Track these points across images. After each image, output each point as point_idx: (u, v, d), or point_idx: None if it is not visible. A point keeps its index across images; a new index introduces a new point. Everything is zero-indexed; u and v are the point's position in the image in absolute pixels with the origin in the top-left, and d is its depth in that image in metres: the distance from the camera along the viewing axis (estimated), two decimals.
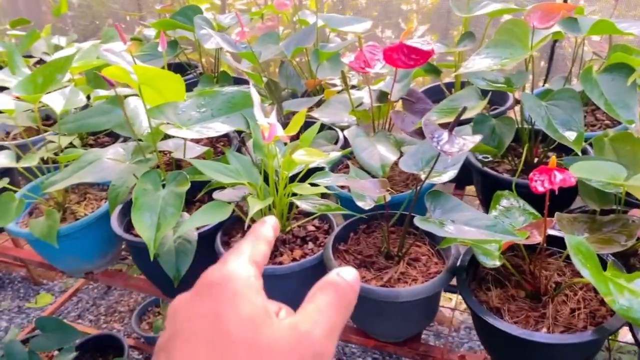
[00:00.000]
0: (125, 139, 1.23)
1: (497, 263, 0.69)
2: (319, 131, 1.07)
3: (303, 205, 0.80)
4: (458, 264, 0.77)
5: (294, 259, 0.84)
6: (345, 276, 0.33)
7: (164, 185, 0.85)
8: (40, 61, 1.73)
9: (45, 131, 1.24)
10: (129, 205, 0.96)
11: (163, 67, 1.26)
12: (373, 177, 0.85)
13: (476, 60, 0.83)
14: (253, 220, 0.86)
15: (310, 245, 0.87)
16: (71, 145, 1.18)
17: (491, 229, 0.68)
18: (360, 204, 0.79)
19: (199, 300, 0.30)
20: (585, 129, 1.09)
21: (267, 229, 0.38)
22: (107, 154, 0.88)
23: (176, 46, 1.32)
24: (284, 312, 0.34)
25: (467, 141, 0.59)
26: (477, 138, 0.61)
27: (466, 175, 1.04)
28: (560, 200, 0.90)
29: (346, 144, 1.10)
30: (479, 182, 1.00)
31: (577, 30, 0.90)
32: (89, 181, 0.82)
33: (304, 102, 1.08)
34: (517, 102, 1.09)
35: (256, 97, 0.79)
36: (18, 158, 0.98)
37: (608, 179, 0.71)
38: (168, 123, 0.83)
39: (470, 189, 1.17)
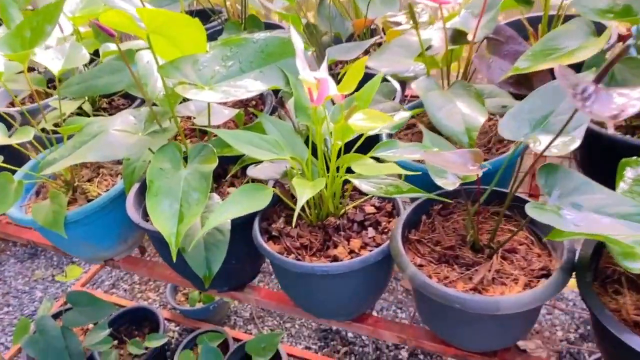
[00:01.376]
0: (142, 101, 1.06)
1: None
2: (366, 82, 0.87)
3: (364, 186, 0.61)
4: (576, 258, 0.58)
5: (352, 252, 0.66)
6: None
7: (185, 162, 0.67)
8: None
9: (52, 95, 1.08)
10: (146, 185, 0.79)
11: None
12: (454, 144, 0.65)
13: None
14: (292, 195, 0.68)
15: (371, 231, 0.69)
16: (80, 111, 1.01)
17: (636, 219, 0.48)
18: (439, 182, 0.60)
19: None
20: None
21: None
22: (115, 124, 0.70)
23: None
24: None
25: (631, 97, 0.39)
26: None
27: None
28: None
29: (405, 99, 0.90)
30: (586, 150, 0.79)
31: None
32: (92, 159, 0.65)
33: (352, 48, 0.88)
34: (620, 38, 0.86)
35: (298, 43, 0.59)
36: (8, 134, 0.82)
37: None
38: (187, 83, 0.64)
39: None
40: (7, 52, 0.71)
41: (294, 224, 0.62)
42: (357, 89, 0.63)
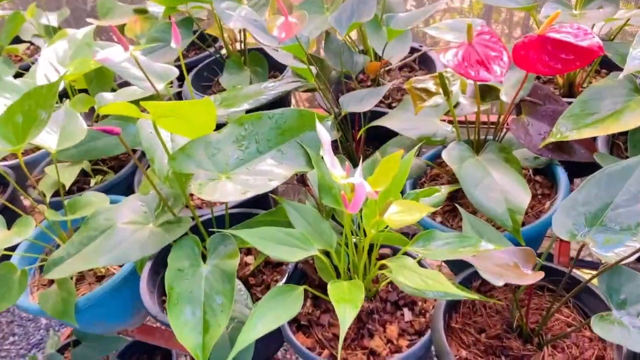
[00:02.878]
0: (143, 153, 0.99)
1: None
2: (390, 137, 0.81)
3: (406, 287, 0.56)
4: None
5: (389, 341, 0.62)
6: None
7: (204, 258, 0.62)
8: (32, 44, 1.47)
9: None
10: (160, 260, 0.74)
11: (178, 60, 0.99)
12: (494, 224, 0.60)
13: None
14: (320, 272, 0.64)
15: (407, 314, 0.65)
16: (81, 172, 0.95)
17: None
18: (492, 280, 0.55)
19: None
20: None
21: None
22: (123, 215, 0.65)
23: (191, 25, 1.04)
24: None
25: None
26: None
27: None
28: None
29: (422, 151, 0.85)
30: None
31: None
32: (101, 265, 0.60)
33: (366, 97, 0.81)
34: None
35: (324, 136, 0.54)
36: (14, 197, 0.76)
37: None
38: (201, 179, 0.58)
39: None
40: (2, 144, 0.64)
41: (321, 309, 0.56)
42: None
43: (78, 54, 0.93)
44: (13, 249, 0.82)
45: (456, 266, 0.74)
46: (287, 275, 0.69)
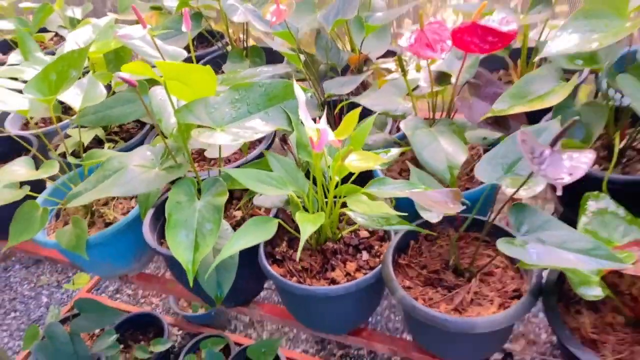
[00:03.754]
0: (152, 127, 1.13)
1: (600, 293, 0.58)
2: (365, 116, 0.95)
3: (360, 220, 0.70)
4: (544, 283, 0.66)
5: (348, 274, 0.74)
6: None
7: (199, 195, 0.75)
8: (58, 35, 1.62)
9: (67, 118, 1.15)
10: (161, 208, 0.87)
11: (187, 46, 1.14)
12: (439, 180, 0.73)
13: (562, 38, 0.69)
14: (294, 222, 0.76)
15: (365, 255, 0.77)
16: (96, 138, 1.08)
17: (592, 253, 0.56)
18: (426, 216, 0.68)
19: None
20: None
21: None
22: (134, 159, 0.78)
23: (200, 19, 1.19)
24: None
25: (579, 162, 0.47)
26: (591, 156, 0.48)
27: None
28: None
29: (394, 128, 0.98)
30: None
31: None
32: (115, 195, 0.73)
33: (347, 82, 0.95)
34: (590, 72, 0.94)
35: (300, 95, 0.67)
36: (36, 161, 0.89)
37: None
38: (200, 125, 0.72)
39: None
40: (36, 95, 0.78)
41: (298, 256, 0.69)
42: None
43: (101, 36, 1.07)
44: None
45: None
46: None
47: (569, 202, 0.83)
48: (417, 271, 0.73)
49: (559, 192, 0.45)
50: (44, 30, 1.53)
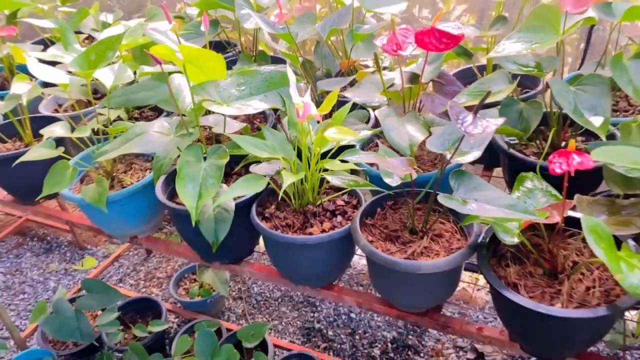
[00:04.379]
0: (169, 114, 1.30)
1: (516, 240, 0.73)
2: (352, 110, 1.12)
3: (333, 180, 0.85)
4: (479, 241, 0.81)
5: (324, 231, 0.89)
6: None
7: (205, 158, 0.91)
8: (89, 37, 1.81)
9: (95, 104, 1.32)
10: (171, 176, 1.03)
11: (205, 46, 1.31)
12: (401, 155, 0.89)
13: (506, 45, 0.85)
14: (286, 193, 0.92)
15: (339, 218, 0.92)
16: (118, 118, 1.25)
17: (512, 208, 0.71)
18: (387, 180, 0.83)
19: None
20: (619, 115, 1.10)
21: None
22: (153, 127, 0.95)
23: (217, 25, 1.37)
24: None
25: (490, 123, 0.63)
26: (500, 120, 0.64)
27: (494, 157, 1.07)
28: (586, 184, 0.92)
29: (377, 123, 1.14)
30: (505, 165, 1.03)
31: (611, 15, 0.91)
32: (136, 152, 0.89)
33: (337, 82, 1.12)
34: (548, 86, 1.11)
35: (292, 77, 0.83)
36: (72, 129, 1.06)
37: (630, 163, 0.73)
38: (210, 100, 0.88)
39: (498, 171, 1.19)
40: (77, 69, 0.95)
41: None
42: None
43: (131, 33, 1.25)
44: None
45: None
46: None
47: (513, 182, 0.99)
48: (380, 230, 0.88)
49: (471, 139, 0.60)
50: (78, 32, 1.73)
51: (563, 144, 0.99)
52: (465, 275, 2.03)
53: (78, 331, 1.77)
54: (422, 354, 1.84)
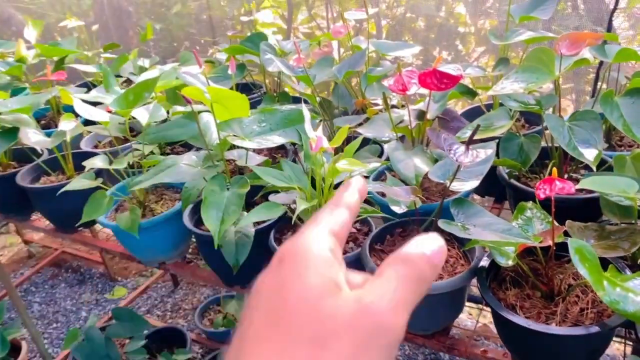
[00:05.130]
0: (198, 149, 1.40)
1: (510, 262, 0.78)
2: (365, 145, 1.20)
3: None
4: (480, 265, 0.86)
5: None
6: (422, 248, 0.30)
7: (228, 188, 1.00)
8: (128, 80, 1.97)
9: (131, 140, 1.44)
10: (198, 205, 1.11)
11: (232, 88, 1.43)
12: (407, 185, 0.96)
13: (505, 84, 0.93)
14: (299, 219, 0.99)
15: (351, 244, 0.99)
16: (152, 153, 1.36)
17: (507, 232, 0.77)
18: (394, 208, 0.90)
19: (270, 273, 0.30)
20: (623, 149, 1.15)
21: (351, 193, 0.35)
22: (183, 160, 1.04)
23: (244, 69, 1.49)
24: (362, 282, 0.32)
25: (479, 153, 0.70)
26: (490, 151, 0.71)
27: (504, 190, 1.13)
28: (587, 215, 0.97)
29: (389, 157, 1.22)
30: (511, 196, 1.09)
31: (604, 56, 0.98)
32: (167, 182, 0.99)
33: (351, 119, 1.21)
34: None
35: (307, 114, 0.92)
36: (110, 162, 1.17)
37: (619, 192, 0.78)
38: (234, 135, 0.98)
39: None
40: (117, 108, 1.07)
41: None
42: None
43: (165, 76, 1.38)
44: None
45: None
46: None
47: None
48: (387, 255, 0.94)
49: (462, 167, 0.67)
50: (118, 76, 1.88)
51: (566, 176, 1.05)
52: (488, 313, 2.04)
53: (107, 358, 1.85)
54: None
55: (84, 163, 1.13)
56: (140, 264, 1.31)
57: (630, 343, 1.22)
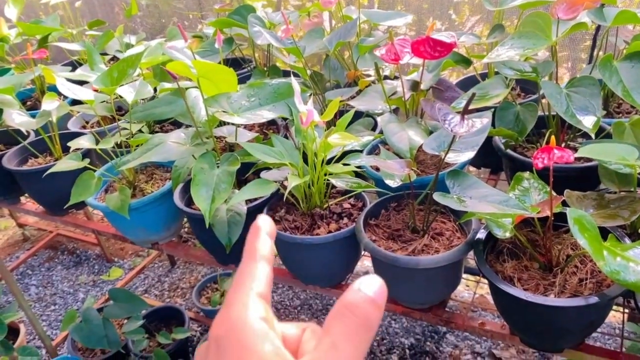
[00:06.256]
0: (187, 127, 1.37)
1: (508, 235, 0.76)
2: (358, 119, 1.17)
3: (337, 183, 0.90)
4: (476, 237, 0.84)
5: (330, 232, 0.94)
6: (366, 290, 0.29)
7: (218, 165, 0.97)
8: (114, 58, 1.92)
9: (119, 120, 1.41)
10: (189, 184, 1.09)
11: (219, 62, 1.39)
12: (401, 158, 0.93)
13: (500, 51, 0.90)
14: (295, 198, 0.97)
15: (345, 220, 0.97)
16: (140, 131, 1.33)
17: (504, 203, 0.75)
18: (388, 182, 0.88)
19: (210, 356, 0.29)
20: (622, 116, 1.13)
21: (263, 241, 0.35)
22: (171, 137, 1.01)
23: (232, 43, 1.44)
24: (308, 336, 0.32)
25: (475, 123, 0.67)
26: (486, 120, 0.68)
27: (501, 162, 1.10)
28: (585, 184, 0.95)
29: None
30: (507, 166, 1.06)
31: (602, 20, 0.95)
32: (155, 161, 0.96)
33: (344, 92, 1.18)
34: None
35: (296, 87, 0.89)
36: (96, 142, 1.14)
37: (618, 159, 0.76)
38: (223, 111, 0.95)
39: None
40: (101, 86, 1.03)
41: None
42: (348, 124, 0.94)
43: (151, 52, 1.34)
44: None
45: None
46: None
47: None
48: (383, 230, 0.92)
49: (457, 137, 0.65)
50: (103, 54, 1.83)
51: (563, 144, 1.03)
52: (485, 285, 2.04)
53: (105, 339, 1.85)
54: None
55: (69, 144, 1.10)
56: (136, 245, 1.29)
57: (628, 311, 1.21)
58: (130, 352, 1.94)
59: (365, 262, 2.16)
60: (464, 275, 1.61)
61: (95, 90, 1.15)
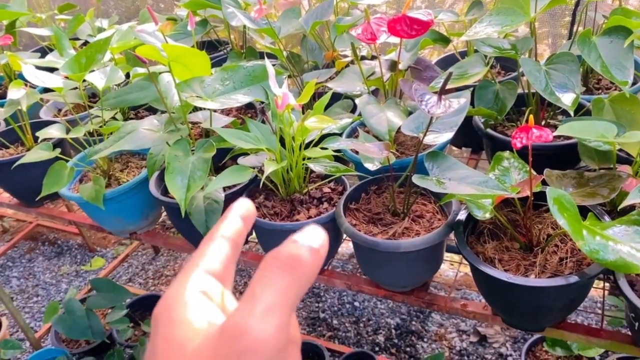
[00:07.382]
0: (162, 113, 1.34)
1: (488, 215, 0.76)
2: (336, 101, 1.15)
3: (315, 167, 0.88)
4: (457, 219, 0.83)
5: (310, 217, 0.92)
6: (294, 238, 0.28)
7: (193, 152, 0.94)
8: (86, 43, 1.86)
9: (91, 107, 1.37)
10: (164, 173, 1.06)
11: (193, 46, 1.35)
12: (381, 141, 0.92)
13: (478, 28, 0.88)
14: (274, 183, 0.95)
15: (325, 205, 0.96)
16: (114, 118, 1.29)
17: (483, 184, 0.74)
18: (367, 165, 0.87)
19: (150, 338, 0.29)
20: (601, 93, 1.12)
21: (230, 222, 0.32)
22: (143, 124, 0.98)
23: (206, 24, 1.40)
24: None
25: (452, 103, 0.65)
26: (463, 100, 0.67)
27: (481, 141, 1.09)
28: (565, 161, 0.94)
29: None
30: (488, 146, 1.05)
31: None
32: (127, 149, 0.93)
33: (321, 74, 1.16)
34: None
35: (270, 70, 0.87)
36: (68, 131, 1.10)
37: (597, 137, 0.75)
38: (195, 96, 0.92)
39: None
40: (69, 73, 0.99)
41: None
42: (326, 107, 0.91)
43: (122, 36, 1.29)
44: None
45: None
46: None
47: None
48: (363, 213, 0.91)
49: (434, 119, 0.63)
50: (75, 39, 1.77)
51: (543, 122, 1.02)
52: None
53: (89, 329, 1.83)
54: (425, 339, 1.87)
55: (38, 133, 1.06)
56: (113, 235, 1.26)
57: (608, 285, 1.22)
58: (115, 342, 1.92)
59: (350, 244, 2.15)
60: (448, 254, 1.61)
61: (66, 78, 1.11)
